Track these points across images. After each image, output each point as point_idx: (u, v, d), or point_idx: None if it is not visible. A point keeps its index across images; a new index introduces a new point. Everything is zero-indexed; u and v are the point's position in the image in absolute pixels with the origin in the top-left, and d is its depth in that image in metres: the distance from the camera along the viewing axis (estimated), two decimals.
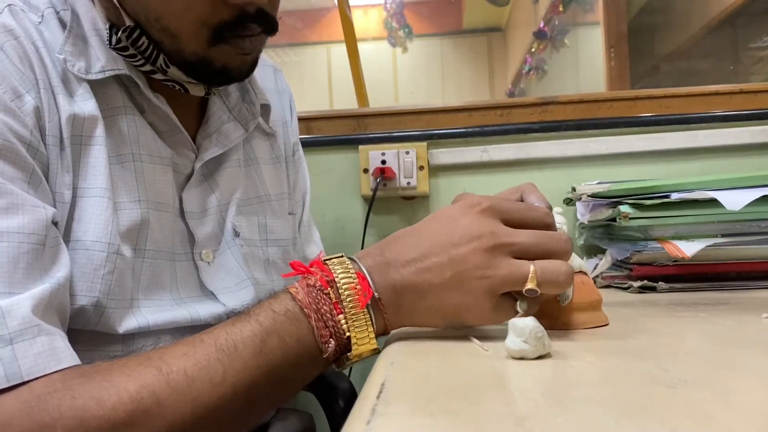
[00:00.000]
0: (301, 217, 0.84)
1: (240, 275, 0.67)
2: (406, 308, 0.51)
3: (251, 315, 0.50)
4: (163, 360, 0.47)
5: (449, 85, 5.50)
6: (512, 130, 1.18)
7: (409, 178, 1.16)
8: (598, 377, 0.39)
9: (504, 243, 0.50)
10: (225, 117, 0.68)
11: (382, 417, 0.32)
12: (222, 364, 0.47)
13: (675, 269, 0.83)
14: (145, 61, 0.59)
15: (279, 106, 0.81)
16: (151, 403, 0.45)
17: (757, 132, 1.14)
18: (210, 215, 0.66)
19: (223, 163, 0.68)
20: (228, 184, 0.68)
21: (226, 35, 0.58)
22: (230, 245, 0.67)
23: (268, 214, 0.73)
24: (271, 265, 0.71)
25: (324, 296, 0.50)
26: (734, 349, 0.47)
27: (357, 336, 0.49)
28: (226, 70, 0.60)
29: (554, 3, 3.94)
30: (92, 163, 0.56)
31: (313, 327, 0.49)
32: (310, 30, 5.45)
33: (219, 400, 0.46)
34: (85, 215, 0.55)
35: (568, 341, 0.49)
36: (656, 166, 1.15)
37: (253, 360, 0.48)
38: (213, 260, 0.65)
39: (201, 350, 0.48)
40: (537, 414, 0.32)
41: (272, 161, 0.77)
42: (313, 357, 0.50)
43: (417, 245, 0.52)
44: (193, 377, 0.46)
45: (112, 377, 0.45)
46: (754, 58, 2.98)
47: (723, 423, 0.29)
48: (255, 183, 0.73)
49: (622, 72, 2.86)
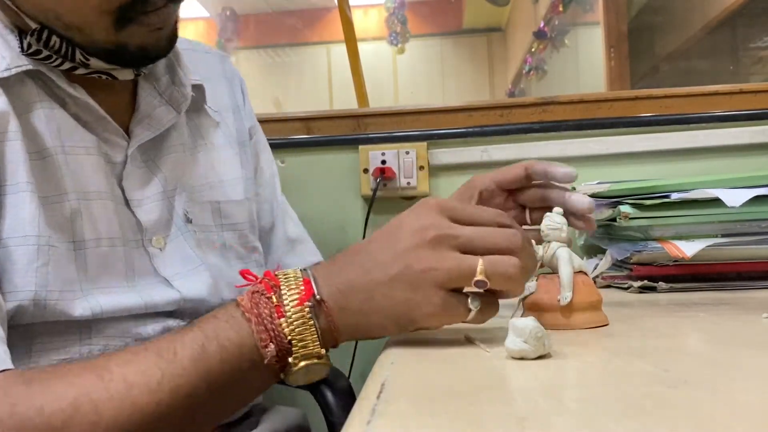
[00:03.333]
0: (274, 197, 0.85)
1: (194, 261, 0.66)
2: (353, 310, 0.50)
3: (195, 323, 0.50)
4: (105, 367, 0.47)
5: (449, 85, 5.50)
6: (512, 130, 1.18)
7: (409, 178, 1.16)
8: (598, 377, 0.39)
9: (447, 234, 0.49)
10: (156, 102, 0.67)
11: (382, 417, 0.32)
12: (160, 369, 0.47)
13: (675, 269, 0.83)
14: (62, 59, 0.59)
15: (228, 92, 0.81)
16: (89, 410, 0.45)
17: (757, 132, 1.14)
18: (155, 201, 0.65)
19: (165, 149, 0.68)
20: (173, 169, 0.68)
21: (131, 15, 0.57)
22: (183, 231, 0.67)
23: (223, 199, 0.72)
24: (228, 250, 0.71)
25: (266, 300, 0.49)
26: (734, 349, 0.47)
27: (298, 341, 0.48)
28: (143, 49, 0.60)
29: (554, 3, 3.94)
30: (10, 159, 0.55)
31: (253, 330, 0.48)
32: (310, 30, 5.44)
33: (156, 406, 0.46)
34: (9, 212, 0.54)
35: (568, 341, 0.49)
36: (656, 166, 1.15)
37: (192, 365, 0.48)
38: (165, 246, 0.65)
39: (143, 357, 0.48)
40: (537, 414, 0.32)
41: (226, 147, 0.76)
42: (255, 364, 0.49)
43: (365, 249, 0.51)
44: (131, 383, 0.46)
45: (51, 384, 0.46)
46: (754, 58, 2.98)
47: (723, 423, 0.29)
48: (208, 168, 0.72)
49: (622, 72, 2.86)
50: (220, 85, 0.80)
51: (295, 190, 1.20)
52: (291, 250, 0.85)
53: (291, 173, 1.21)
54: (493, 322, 0.51)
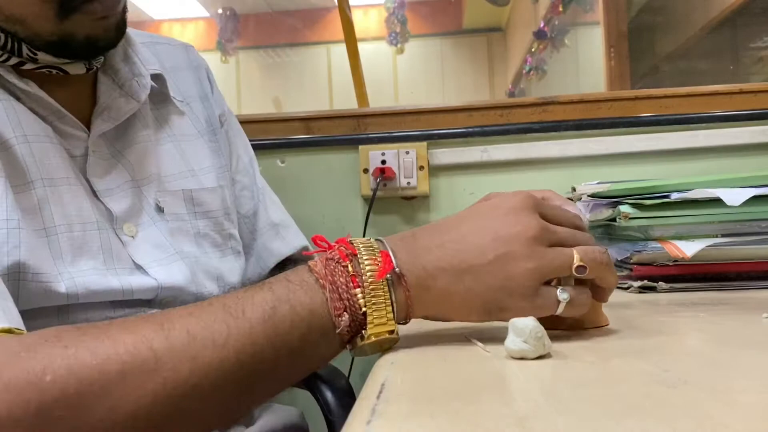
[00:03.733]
0: (253, 183, 0.85)
1: (168, 250, 0.66)
2: (437, 292, 0.48)
3: (266, 284, 0.48)
4: (166, 317, 0.46)
5: (449, 85, 5.50)
6: (512, 130, 1.18)
7: (409, 178, 1.16)
8: (598, 377, 0.39)
9: (547, 230, 0.49)
10: (116, 93, 0.67)
11: (382, 417, 0.32)
12: (227, 325, 0.45)
13: (675, 269, 0.83)
14: (9, 54, 0.59)
15: (194, 81, 0.81)
16: (147, 357, 0.43)
17: (757, 132, 1.14)
18: (124, 191, 0.65)
19: (131, 139, 0.68)
20: (141, 159, 0.68)
21: (74, 4, 0.57)
22: (155, 220, 0.67)
23: (195, 187, 0.72)
24: (203, 238, 0.71)
25: (342, 268, 0.48)
26: (734, 349, 0.47)
27: (373, 313, 0.47)
28: (91, 40, 0.60)
29: (554, 3, 3.94)
30: None
31: (327, 298, 0.47)
32: (310, 30, 5.45)
33: (220, 362, 0.44)
34: None
35: (568, 341, 0.49)
36: (656, 166, 1.15)
37: (260, 326, 0.45)
38: (137, 234, 0.65)
39: (208, 311, 0.46)
40: (537, 414, 0.32)
41: (195, 136, 0.76)
42: (325, 332, 0.47)
43: (455, 228, 0.50)
44: (194, 335, 0.44)
45: (109, 331, 0.44)
46: (754, 58, 2.98)
47: (723, 423, 0.29)
48: (179, 157, 0.73)
49: (622, 72, 2.86)
50: (185, 74, 0.80)
51: (295, 190, 1.20)
52: (275, 234, 0.85)
53: (291, 173, 1.21)
54: (492, 322, 0.51)
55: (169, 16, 5.54)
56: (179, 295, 0.65)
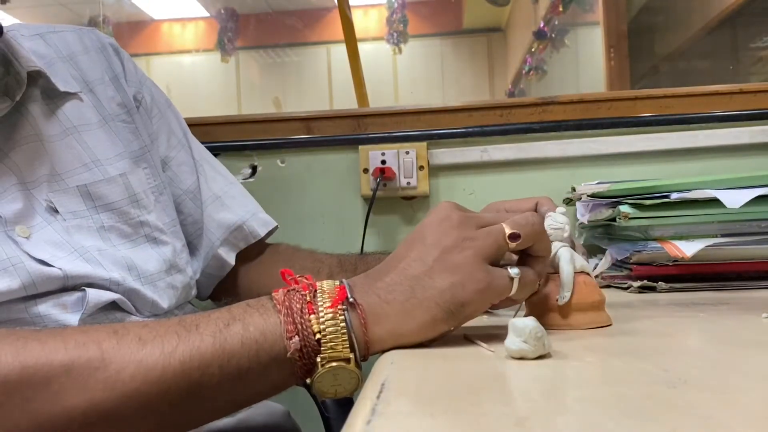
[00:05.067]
0: (190, 156, 0.84)
1: (66, 248, 0.65)
2: (395, 314, 0.48)
3: (226, 306, 0.50)
4: (122, 325, 0.47)
5: (449, 85, 5.50)
6: (512, 130, 1.18)
7: (409, 178, 1.16)
8: (598, 377, 0.39)
9: (469, 216, 0.51)
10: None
11: (382, 417, 0.32)
12: (178, 336, 0.46)
13: (675, 269, 0.83)
14: None
15: (99, 63, 0.78)
16: (94, 355, 0.44)
17: (757, 132, 1.14)
18: (12, 194, 0.64)
19: (17, 140, 0.67)
20: (29, 160, 0.67)
21: None
22: (50, 221, 0.66)
23: (92, 182, 0.70)
24: (108, 231, 0.70)
25: (300, 296, 0.48)
26: (734, 349, 0.47)
27: (328, 339, 0.47)
28: None
29: (554, 3, 3.94)
30: None
31: (280, 321, 0.47)
32: (310, 30, 5.45)
33: (164, 369, 0.45)
34: None
35: (568, 341, 0.49)
36: (656, 166, 1.15)
37: (210, 338, 0.46)
38: (31, 235, 0.64)
39: (163, 324, 0.47)
40: (537, 414, 0.32)
41: (99, 124, 0.74)
42: (276, 356, 0.47)
43: (395, 255, 0.51)
44: (144, 341, 0.45)
45: (64, 331, 0.46)
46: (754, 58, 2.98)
47: (723, 423, 0.29)
48: (78, 150, 0.71)
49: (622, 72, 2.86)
50: (86, 58, 0.77)
51: (295, 190, 1.20)
52: (221, 205, 0.84)
53: (291, 173, 1.21)
54: (493, 322, 0.51)
55: (169, 16, 5.54)
56: (91, 281, 0.64)
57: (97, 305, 0.64)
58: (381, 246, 1.19)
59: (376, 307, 0.48)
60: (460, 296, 0.48)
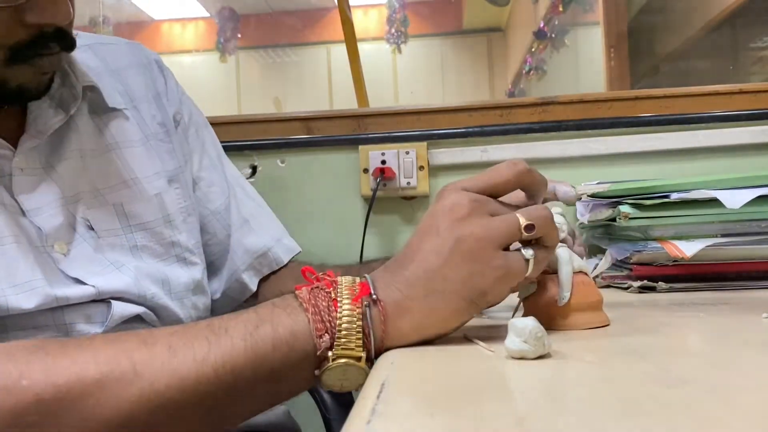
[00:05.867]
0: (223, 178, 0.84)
1: (103, 263, 0.66)
2: (418, 310, 0.48)
3: (252, 307, 0.49)
4: (149, 333, 0.46)
5: (449, 85, 5.50)
6: (512, 130, 1.18)
7: (409, 178, 1.16)
8: (598, 377, 0.39)
9: (480, 201, 0.50)
10: (45, 105, 0.67)
11: (382, 417, 0.32)
12: (208, 342, 0.46)
13: (675, 269, 0.83)
14: None
15: (144, 80, 0.79)
16: (126, 368, 0.43)
17: (757, 132, 1.14)
18: (54, 208, 0.65)
19: (63, 154, 0.67)
20: (71, 176, 0.67)
21: (26, 55, 0.58)
22: (86, 238, 0.66)
23: (129, 200, 0.71)
24: (140, 250, 0.70)
25: (325, 294, 0.48)
26: (734, 349, 0.47)
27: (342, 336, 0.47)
28: (21, 90, 0.61)
29: (554, 3, 3.94)
30: None
31: (309, 320, 0.47)
32: (310, 30, 5.45)
33: (198, 377, 0.44)
34: None
35: (568, 341, 0.49)
36: (656, 166, 1.15)
37: (241, 342, 0.46)
38: (69, 252, 0.64)
39: (192, 328, 0.47)
40: (537, 414, 0.32)
41: (140, 141, 0.75)
42: (306, 354, 0.47)
43: (409, 248, 0.51)
44: (175, 350, 0.45)
45: (92, 343, 0.45)
46: (754, 58, 2.98)
47: (723, 423, 0.29)
48: (118, 167, 0.71)
49: (622, 72, 2.86)
50: (132, 74, 0.78)
51: (295, 190, 1.20)
52: (248, 230, 0.83)
53: (291, 173, 1.21)
54: (493, 322, 0.51)
55: (169, 16, 5.54)
56: (122, 295, 0.65)
57: (121, 318, 0.65)
58: (381, 245, 1.19)
59: (399, 304, 0.48)
60: (481, 285, 0.48)
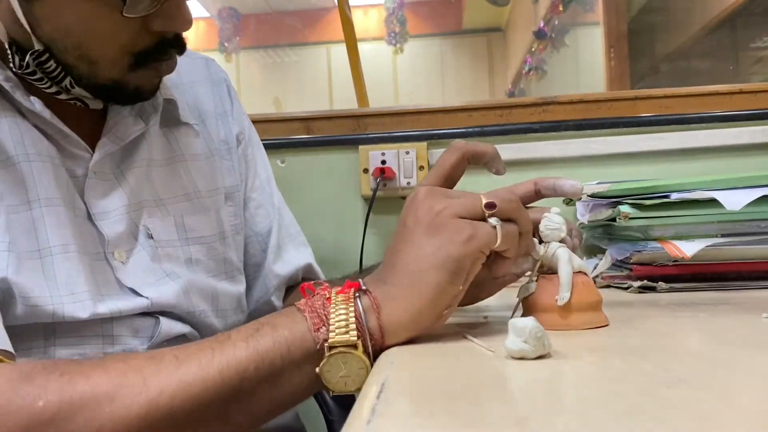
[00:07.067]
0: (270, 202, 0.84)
1: (158, 273, 0.66)
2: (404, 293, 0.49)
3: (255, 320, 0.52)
4: (157, 350, 0.49)
5: (449, 85, 5.51)
6: (512, 130, 1.18)
7: (409, 178, 1.16)
8: (598, 377, 0.39)
9: (439, 189, 0.52)
10: (125, 112, 0.67)
11: (382, 417, 0.32)
12: (212, 349, 0.48)
13: (675, 269, 0.83)
14: (50, 82, 0.60)
15: (213, 97, 0.80)
16: (135, 380, 0.46)
17: (757, 132, 1.14)
18: (120, 215, 0.65)
19: (134, 162, 0.68)
20: (140, 183, 0.68)
21: (148, 60, 0.60)
22: (145, 246, 0.67)
23: (189, 213, 0.71)
24: (195, 264, 0.70)
25: (320, 296, 0.51)
26: (734, 349, 0.47)
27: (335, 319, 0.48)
28: (138, 91, 0.63)
29: (554, 3, 3.94)
30: None
31: (306, 318, 0.49)
32: (310, 30, 5.45)
33: (204, 381, 0.47)
34: None
35: (568, 341, 0.49)
36: (656, 166, 1.15)
37: (243, 344, 0.48)
38: (127, 260, 0.65)
39: (197, 343, 0.50)
40: (537, 414, 0.32)
41: (205, 156, 0.75)
42: (306, 350, 0.49)
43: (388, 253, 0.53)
44: (181, 360, 0.47)
45: (104, 361, 0.48)
46: (754, 58, 2.98)
47: (723, 423, 0.29)
48: (178, 180, 0.72)
49: (622, 72, 2.86)
50: (203, 90, 0.79)
51: (295, 190, 1.20)
52: (281, 255, 0.84)
53: (291, 173, 1.21)
54: (493, 322, 0.51)
55: None
56: (173, 310, 0.65)
57: (168, 335, 0.65)
58: (381, 245, 1.19)
59: (387, 292, 0.50)
60: (453, 252, 0.49)
